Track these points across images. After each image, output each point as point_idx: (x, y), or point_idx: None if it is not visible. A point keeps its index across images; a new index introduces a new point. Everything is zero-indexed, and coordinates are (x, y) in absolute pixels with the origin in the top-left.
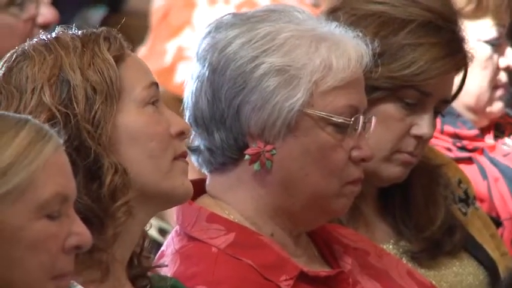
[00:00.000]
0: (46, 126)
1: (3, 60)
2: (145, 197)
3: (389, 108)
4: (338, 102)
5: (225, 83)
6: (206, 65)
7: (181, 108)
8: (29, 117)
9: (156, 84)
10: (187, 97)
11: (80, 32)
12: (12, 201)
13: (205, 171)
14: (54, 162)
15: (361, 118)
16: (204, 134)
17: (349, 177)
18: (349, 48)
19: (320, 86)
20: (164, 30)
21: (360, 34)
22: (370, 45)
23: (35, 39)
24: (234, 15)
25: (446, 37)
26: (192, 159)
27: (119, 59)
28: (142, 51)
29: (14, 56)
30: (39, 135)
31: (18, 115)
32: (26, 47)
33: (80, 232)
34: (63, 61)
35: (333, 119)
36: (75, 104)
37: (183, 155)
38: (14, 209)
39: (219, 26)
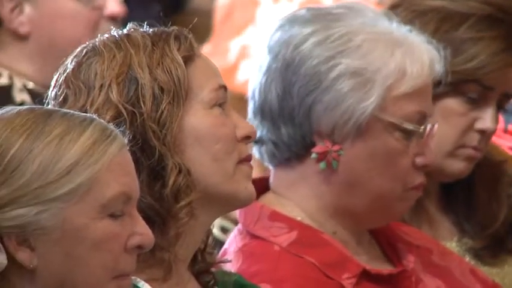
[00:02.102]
0: (111, 126)
1: (73, 55)
2: (207, 199)
3: (452, 103)
4: (409, 108)
5: (299, 80)
6: (279, 58)
7: (245, 106)
8: (94, 116)
9: (224, 87)
10: (254, 88)
11: (151, 30)
12: (76, 200)
13: (267, 164)
14: (118, 162)
15: (429, 126)
16: (270, 127)
17: (413, 182)
18: (423, 55)
19: (393, 91)
20: (228, 28)
21: (429, 40)
22: (442, 52)
23: (106, 35)
24: (309, 10)
25: (507, 30)
26: (253, 150)
27: (188, 59)
28: (205, 50)
29: (84, 52)
30: (104, 135)
31: (83, 114)
32: (97, 43)
33: (143, 232)
34: (132, 59)
35: (404, 125)
36: (142, 102)
37: (248, 159)
38: (77, 208)
39: (293, 20)
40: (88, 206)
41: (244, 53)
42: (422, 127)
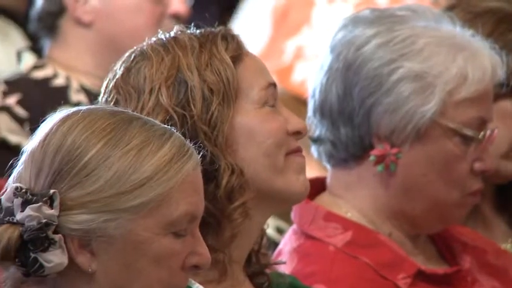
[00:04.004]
0: (188, 143)
1: (122, 60)
2: (261, 197)
3: (508, 105)
4: (468, 113)
5: (360, 82)
6: (340, 59)
7: (300, 106)
8: (173, 130)
9: (273, 85)
10: (315, 87)
11: (198, 31)
12: (144, 213)
13: (325, 163)
14: (190, 181)
15: (488, 132)
16: (329, 126)
17: (471, 188)
18: (486, 61)
19: (453, 96)
20: (283, 29)
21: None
22: (504, 59)
23: (154, 39)
24: (373, 11)
25: None
26: (312, 149)
27: (236, 59)
28: (261, 51)
29: (133, 56)
30: (181, 152)
31: (163, 125)
32: (145, 47)
33: (201, 253)
34: (180, 62)
35: (463, 131)
36: (192, 105)
37: (298, 150)
38: (144, 222)
39: (356, 21)
40: (155, 221)
41: (299, 54)
42: (482, 133)
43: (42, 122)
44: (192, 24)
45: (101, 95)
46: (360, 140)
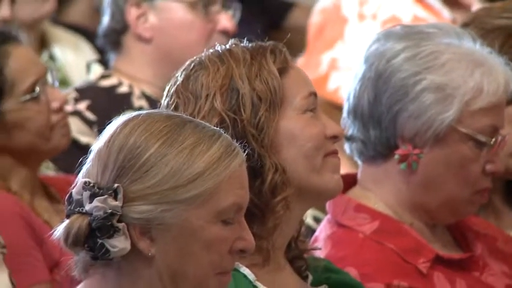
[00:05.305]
0: (234, 142)
1: (183, 68)
2: (300, 193)
3: None
4: (483, 122)
5: (388, 90)
6: (372, 69)
7: (335, 111)
8: (222, 131)
9: (314, 94)
10: (350, 92)
11: (250, 44)
12: (197, 204)
13: (356, 159)
14: (237, 176)
15: (500, 138)
16: (360, 127)
17: (480, 186)
18: (500, 76)
19: (470, 106)
20: (319, 43)
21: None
22: None
23: (211, 50)
24: (403, 27)
25: None
26: (345, 146)
27: (282, 70)
28: (300, 62)
29: (192, 65)
30: (229, 150)
31: (212, 127)
32: (203, 57)
33: (247, 239)
34: (233, 72)
35: (477, 137)
36: (242, 110)
37: (334, 152)
38: (198, 211)
39: (388, 35)
40: (206, 211)
41: (333, 65)
42: (494, 139)
43: (108, 125)
44: (245, 38)
45: (163, 98)
46: (387, 141)
